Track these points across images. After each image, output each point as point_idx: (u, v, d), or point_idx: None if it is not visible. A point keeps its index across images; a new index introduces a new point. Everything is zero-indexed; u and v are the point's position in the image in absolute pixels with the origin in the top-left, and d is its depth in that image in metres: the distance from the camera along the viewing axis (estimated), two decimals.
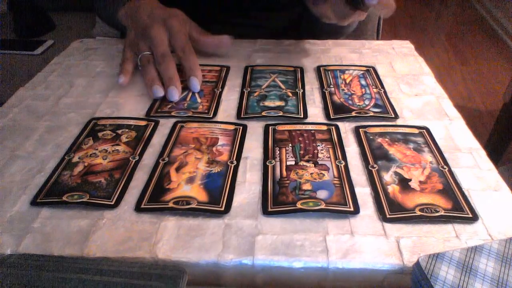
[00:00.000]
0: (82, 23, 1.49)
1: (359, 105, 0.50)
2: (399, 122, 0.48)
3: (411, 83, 0.56)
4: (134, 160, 0.41)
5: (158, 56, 0.53)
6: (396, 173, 0.40)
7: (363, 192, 0.38)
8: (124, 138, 0.45)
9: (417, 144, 0.44)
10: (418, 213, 0.35)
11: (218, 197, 0.37)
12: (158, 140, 0.45)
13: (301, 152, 0.42)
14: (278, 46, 0.66)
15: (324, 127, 0.46)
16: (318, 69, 0.59)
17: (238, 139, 0.45)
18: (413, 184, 0.38)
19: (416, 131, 0.46)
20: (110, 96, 0.53)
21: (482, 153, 0.43)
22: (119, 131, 0.46)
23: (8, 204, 0.36)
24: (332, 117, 0.48)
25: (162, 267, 0.30)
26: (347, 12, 0.48)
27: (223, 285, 0.33)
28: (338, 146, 0.43)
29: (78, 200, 0.36)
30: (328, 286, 0.33)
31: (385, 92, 0.53)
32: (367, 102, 0.51)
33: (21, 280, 0.29)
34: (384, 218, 0.35)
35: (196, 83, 0.53)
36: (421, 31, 2.85)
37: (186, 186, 0.38)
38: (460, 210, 0.36)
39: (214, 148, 0.43)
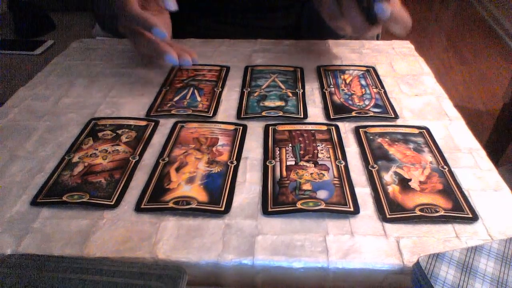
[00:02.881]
0: (82, 23, 1.49)
1: (359, 105, 0.50)
2: (399, 122, 0.48)
3: (411, 83, 0.56)
4: (134, 160, 0.41)
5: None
6: (396, 173, 0.40)
7: (363, 192, 0.38)
8: (124, 138, 0.45)
9: (417, 144, 0.44)
10: (418, 213, 0.35)
11: (218, 197, 0.37)
12: (158, 140, 0.45)
13: (301, 152, 0.42)
14: (278, 46, 0.66)
15: (324, 127, 0.46)
16: (318, 69, 0.59)
17: (238, 139, 0.45)
18: (413, 184, 0.38)
19: (416, 131, 0.46)
20: (110, 96, 0.53)
21: (482, 153, 0.43)
22: (119, 131, 0.46)
23: (8, 204, 0.36)
24: (332, 117, 0.48)
25: (162, 267, 0.30)
26: (364, 26, 0.48)
27: (223, 285, 0.33)
28: (338, 146, 0.43)
29: (78, 200, 0.36)
30: (328, 286, 0.33)
31: (385, 92, 0.53)
32: (367, 102, 0.51)
33: (21, 280, 0.29)
34: (384, 218, 0.35)
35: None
36: (421, 31, 2.85)
37: (186, 186, 0.38)
38: (460, 210, 0.36)
39: (214, 148, 0.43)
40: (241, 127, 0.46)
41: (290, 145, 0.43)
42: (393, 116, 0.48)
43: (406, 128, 0.46)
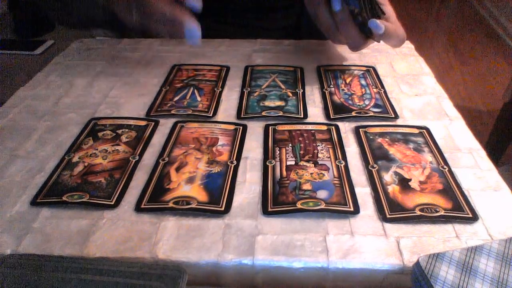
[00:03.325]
0: None
1: (359, 105, 0.50)
2: (399, 122, 0.48)
3: (411, 83, 0.56)
4: (134, 160, 0.41)
5: None
6: (396, 173, 0.40)
7: (363, 192, 0.38)
8: (124, 138, 0.45)
9: (417, 144, 0.44)
10: (418, 213, 0.35)
11: (218, 197, 0.37)
12: (158, 140, 0.45)
13: (301, 152, 0.42)
14: (278, 46, 0.66)
15: (324, 127, 0.46)
16: (318, 69, 0.59)
17: (238, 139, 0.45)
18: (413, 184, 0.38)
19: (416, 131, 0.46)
20: (110, 96, 0.53)
21: (482, 153, 0.43)
22: (119, 131, 0.46)
23: (8, 204, 0.36)
24: (332, 117, 0.48)
25: (162, 267, 0.30)
26: (360, 41, 0.49)
27: (223, 285, 0.33)
28: (338, 146, 0.43)
29: (78, 200, 0.36)
30: (328, 286, 0.33)
31: (385, 92, 0.53)
32: (367, 102, 0.51)
33: (21, 280, 0.29)
34: (384, 218, 0.35)
35: None
36: (421, 31, 2.85)
37: (186, 186, 0.38)
38: (460, 210, 0.36)
39: (214, 148, 0.43)
40: (241, 127, 0.46)
41: (290, 145, 0.43)
42: (393, 116, 0.48)
43: (406, 128, 0.46)
